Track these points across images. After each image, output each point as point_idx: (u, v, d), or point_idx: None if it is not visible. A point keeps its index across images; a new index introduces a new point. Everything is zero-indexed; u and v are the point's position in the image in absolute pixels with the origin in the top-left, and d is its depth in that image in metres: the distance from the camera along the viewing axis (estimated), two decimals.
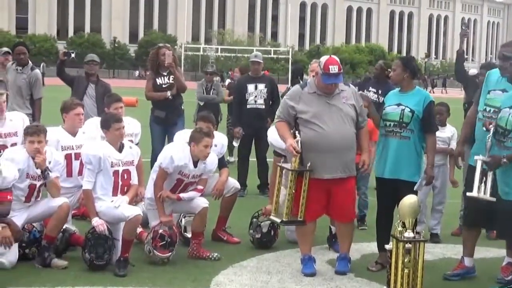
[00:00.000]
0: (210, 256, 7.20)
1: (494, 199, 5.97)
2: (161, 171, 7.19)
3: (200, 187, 7.38)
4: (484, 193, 6.00)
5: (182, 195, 7.25)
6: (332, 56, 6.82)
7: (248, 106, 10.88)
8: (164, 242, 7.03)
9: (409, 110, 6.83)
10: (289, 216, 6.60)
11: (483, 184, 6.01)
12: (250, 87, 10.90)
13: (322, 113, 6.63)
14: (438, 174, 8.12)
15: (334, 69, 6.59)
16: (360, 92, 7.71)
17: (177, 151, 7.19)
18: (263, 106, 10.89)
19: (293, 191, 6.53)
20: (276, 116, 6.99)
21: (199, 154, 7.13)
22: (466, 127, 6.84)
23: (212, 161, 7.40)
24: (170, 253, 7.04)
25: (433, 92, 56.33)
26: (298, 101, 6.74)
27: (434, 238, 8.17)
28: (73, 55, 10.73)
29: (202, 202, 7.31)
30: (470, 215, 6.74)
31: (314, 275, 6.74)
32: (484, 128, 6.21)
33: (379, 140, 7.10)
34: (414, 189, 6.76)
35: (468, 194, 6.13)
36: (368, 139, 7.02)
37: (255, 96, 10.89)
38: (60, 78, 10.67)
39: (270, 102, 10.94)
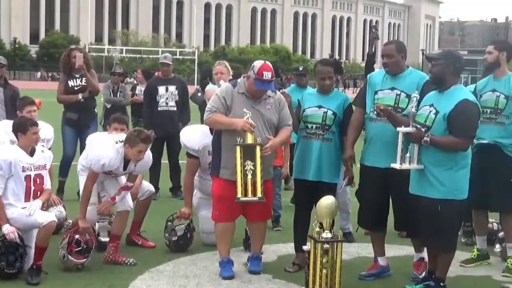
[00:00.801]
0: (126, 261, 7.07)
1: (422, 167, 6.03)
2: (91, 174, 7.04)
3: (130, 184, 7.28)
4: (410, 163, 6.07)
5: (116, 197, 7.16)
6: (267, 62, 6.79)
7: (159, 109, 10.75)
8: (80, 248, 6.86)
9: (331, 112, 6.88)
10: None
11: (407, 156, 6.07)
12: (161, 89, 10.77)
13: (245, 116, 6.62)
14: None
15: (267, 75, 6.58)
16: (283, 90, 7.72)
17: (108, 156, 6.97)
18: (175, 108, 10.80)
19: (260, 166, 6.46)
20: (207, 110, 6.81)
21: (132, 157, 6.98)
22: (353, 131, 6.85)
23: (144, 163, 7.26)
24: (85, 260, 6.87)
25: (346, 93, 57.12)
26: (231, 99, 6.70)
27: (348, 237, 8.22)
28: None
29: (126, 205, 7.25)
30: (367, 216, 6.85)
31: (233, 278, 6.71)
32: (375, 113, 6.44)
33: (297, 141, 7.11)
34: (338, 190, 6.82)
35: (392, 165, 6.15)
36: (284, 140, 6.92)
37: (166, 98, 10.78)
38: None
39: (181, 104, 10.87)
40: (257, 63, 6.73)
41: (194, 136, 7.72)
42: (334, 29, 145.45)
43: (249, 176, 6.47)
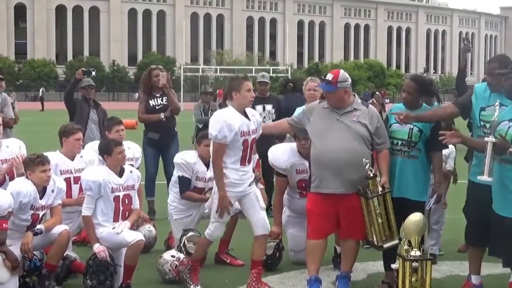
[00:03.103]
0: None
1: (490, 179, 5.79)
2: None
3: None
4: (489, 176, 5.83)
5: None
6: (340, 69, 6.79)
7: None
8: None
9: (417, 129, 6.72)
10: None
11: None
12: (258, 108, 10.74)
13: (329, 128, 6.56)
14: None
15: (329, 76, 6.60)
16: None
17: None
18: None
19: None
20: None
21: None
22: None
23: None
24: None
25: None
26: (312, 113, 6.76)
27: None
28: (93, 73, 10.46)
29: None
30: (471, 232, 6.62)
31: None
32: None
33: None
34: (426, 208, 6.67)
35: (479, 177, 5.90)
36: (388, 162, 6.73)
37: (264, 117, 10.71)
38: (67, 101, 10.28)
39: None
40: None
41: (282, 154, 7.72)
42: (429, 43, 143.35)
43: (380, 220, 6.44)
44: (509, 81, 5.96)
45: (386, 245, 6.43)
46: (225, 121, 6.45)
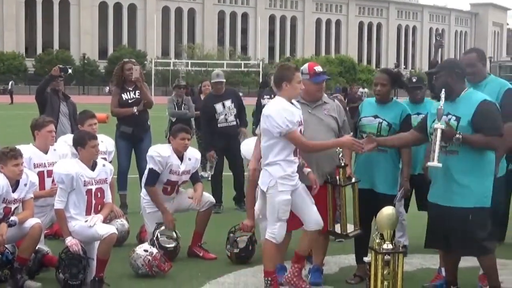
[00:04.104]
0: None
1: (440, 165, 5.85)
2: None
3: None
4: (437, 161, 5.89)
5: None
6: (310, 62, 6.85)
7: (220, 125, 10.73)
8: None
9: (386, 123, 6.80)
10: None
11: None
12: (218, 107, 10.75)
13: (304, 122, 6.54)
14: None
15: (319, 68, 6.66)
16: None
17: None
18: (235, 122, 10.81)
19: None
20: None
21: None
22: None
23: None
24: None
25: None
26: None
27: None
28: (70, 71, 10.35)
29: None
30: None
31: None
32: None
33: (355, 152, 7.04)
34: (394, 202, 6.73)
35: (428, 164, 5.98)
36: (351, 155, 6.88)
37: (225, 114, 10.77)
38: (39, 96, 10.08)
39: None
40: (303, 66, 6.76)
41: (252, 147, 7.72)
42: (400, 38, 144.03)
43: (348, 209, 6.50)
44: (441, 79, 6.11)
45: (351, 234, 6.47)
46: (286, 110, 6.20)
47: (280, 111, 6.17)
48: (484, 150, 5.94)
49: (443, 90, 6.00)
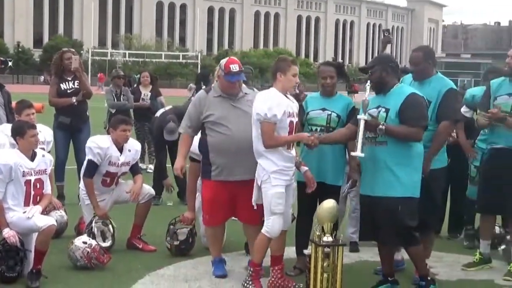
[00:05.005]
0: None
1: (362, 155, 6.01)
2: None
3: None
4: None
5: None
6: (232, 57, 6.88)
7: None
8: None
9: (336, 115, 6.87)
10: None
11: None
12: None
13: (228, 115, 6.61)
14: None
15: (235, 67, 6.63)
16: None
17: None
18: None
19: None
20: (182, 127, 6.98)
21: None
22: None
23: None
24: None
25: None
26: (203, 106, 6.73)
27: (353, 247, 8.03)
28: (10, 63, 10.14)
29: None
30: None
31: (226, 277, 6.78)
32: None
33: (302, 144, 7.08)
34: (342, 193, 6.82)
35: (352, 153, 6.16)
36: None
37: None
38: None
39: None
40: (223, 61, 6.79)
41: (196, 140, 7.70)
42: (338, 33, 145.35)
43: None
44: (376, 74, 6.26)
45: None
46: (273, 99, 6.19)
47: (266, 100, 6.20)
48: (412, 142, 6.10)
49: (368, 81, 6.22)
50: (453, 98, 6.63)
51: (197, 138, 7.16)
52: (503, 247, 7.72)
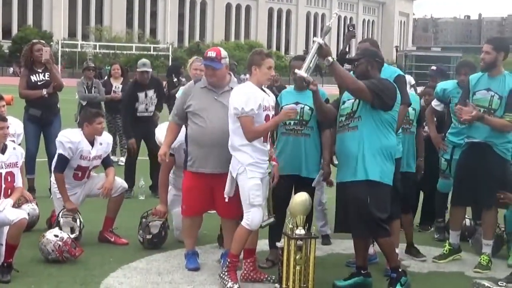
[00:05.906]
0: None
1: (305, 75, 6.14)
2: None
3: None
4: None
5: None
6: (218, 47, 6.88)
7: (138, 115, 10.68)
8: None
9: (308, 108, 6.89)
10: None
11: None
12: (141, 96, 10.68)
13: (207, 107, 6.60)
14: None
15: (211, 53, 6.62)
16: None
17: None
18: (152, 112, 10.85)
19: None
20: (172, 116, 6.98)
21: None
22: None
23: None
24: None
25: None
26: (188, 95, 6.74)
27: (325, 240, 8.10)
28: None
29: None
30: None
31: (198, 270, 6.78)
32: None
33: (278, 138, 7.11)
34: (313, 185, 6.85)
35: (297, 71, 6.21)
36: None
37: (146, 104, 10.71)
38: None
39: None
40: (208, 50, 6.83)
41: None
42: (309, 25, 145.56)
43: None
44: (362, 66, 6.39)
45: (264, 223, 6.40)
46: (249, 93, 6.19)
47: (241, 94, 6.20)
48: (385, 129, 6.18)
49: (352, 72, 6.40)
50: (398, 84, 6.62)
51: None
52: (473, 239, 7.81)
